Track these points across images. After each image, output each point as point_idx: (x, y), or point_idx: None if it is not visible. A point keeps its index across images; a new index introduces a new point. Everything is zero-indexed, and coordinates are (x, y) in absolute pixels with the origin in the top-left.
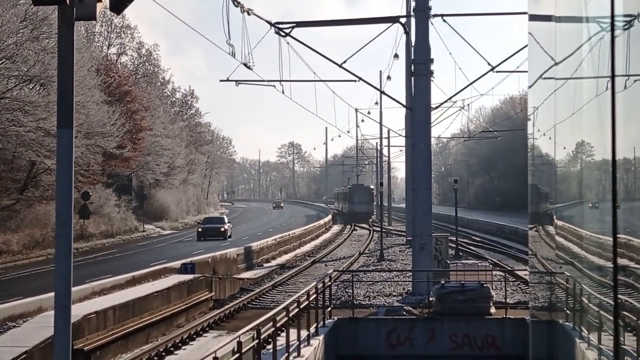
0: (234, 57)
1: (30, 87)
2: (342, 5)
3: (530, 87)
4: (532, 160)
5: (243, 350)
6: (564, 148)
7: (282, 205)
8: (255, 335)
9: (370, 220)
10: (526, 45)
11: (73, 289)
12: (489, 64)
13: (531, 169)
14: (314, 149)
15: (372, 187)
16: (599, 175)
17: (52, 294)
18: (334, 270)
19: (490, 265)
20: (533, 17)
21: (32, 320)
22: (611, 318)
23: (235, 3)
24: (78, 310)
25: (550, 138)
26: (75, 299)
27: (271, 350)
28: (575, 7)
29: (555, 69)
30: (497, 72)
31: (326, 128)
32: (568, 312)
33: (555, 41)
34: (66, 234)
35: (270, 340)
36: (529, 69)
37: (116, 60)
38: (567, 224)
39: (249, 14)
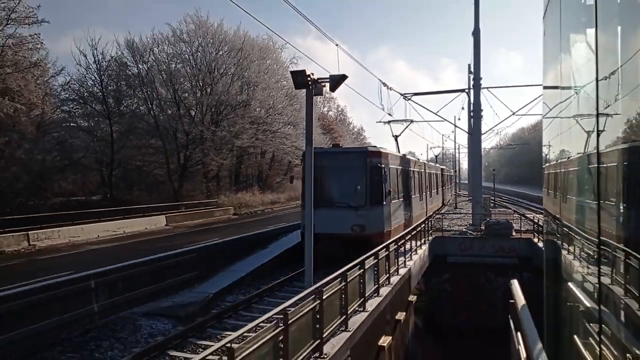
0: (383, 110)
1: (288, 127)
2: (430, 80)
3: (543, 121)
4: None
5: (390, 249)
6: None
7: None
8: (395, 242)
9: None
10: (535, 99)
11: None
12: (510, 110)
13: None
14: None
15: (384, 150)
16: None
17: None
18: (433, 212)
19: (512, 211)
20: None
21: (289, 235)
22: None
23: (384, 85)
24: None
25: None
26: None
27: (402, 250)
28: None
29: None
30: (516, 115)
31: (427, 145)
32: (558, 235)
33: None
34: (309, 195)
35: (402, 246)
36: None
37: (327, 113)
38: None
39: (390, 89)
